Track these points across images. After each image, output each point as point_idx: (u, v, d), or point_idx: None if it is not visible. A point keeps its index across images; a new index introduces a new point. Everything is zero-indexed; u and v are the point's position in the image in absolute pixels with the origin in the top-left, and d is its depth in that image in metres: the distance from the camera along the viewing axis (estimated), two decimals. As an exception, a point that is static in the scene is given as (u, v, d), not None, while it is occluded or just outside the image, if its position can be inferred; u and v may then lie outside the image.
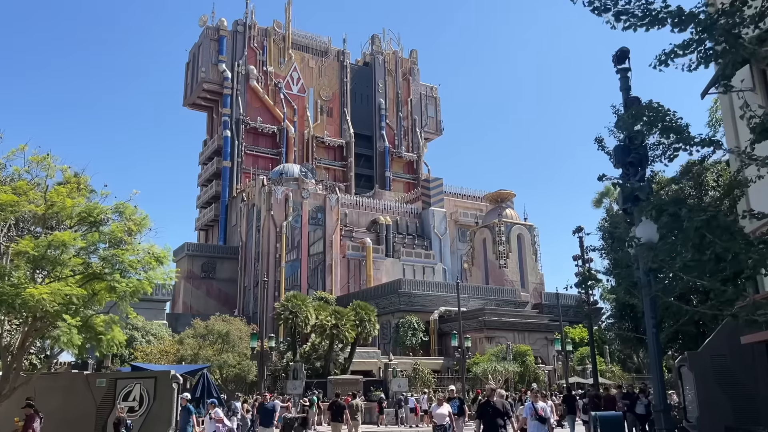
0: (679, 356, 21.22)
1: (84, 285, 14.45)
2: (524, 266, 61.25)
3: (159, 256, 15.66)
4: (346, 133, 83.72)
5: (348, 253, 63.90)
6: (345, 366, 37.95)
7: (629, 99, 11.05)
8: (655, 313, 10.45)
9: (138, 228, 15.20)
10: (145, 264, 15.41)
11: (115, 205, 14.21)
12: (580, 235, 24.54)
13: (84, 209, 13.73)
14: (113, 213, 14.25)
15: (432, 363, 43.40)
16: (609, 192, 68.11)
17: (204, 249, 69.08)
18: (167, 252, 15.87)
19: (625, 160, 10.91)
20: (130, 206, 14.33)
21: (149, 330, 44.61)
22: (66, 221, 13.82)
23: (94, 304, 16.06)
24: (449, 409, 14.40)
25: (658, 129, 7.70)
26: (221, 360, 31.99)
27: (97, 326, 15.59)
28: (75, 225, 13.95)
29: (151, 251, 15.66)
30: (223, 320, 35.12)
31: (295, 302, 35.91)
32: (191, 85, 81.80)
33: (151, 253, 15.59)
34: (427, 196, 71.71)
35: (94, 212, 13.82)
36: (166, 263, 15.89)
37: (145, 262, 15.37)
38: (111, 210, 14.13)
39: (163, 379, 17.62)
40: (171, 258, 16.06)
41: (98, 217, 13.84)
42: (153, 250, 15.77)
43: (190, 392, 21.42)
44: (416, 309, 49.37)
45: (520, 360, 41.42)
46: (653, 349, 10.35)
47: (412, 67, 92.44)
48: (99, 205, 14.09)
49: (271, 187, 61.41)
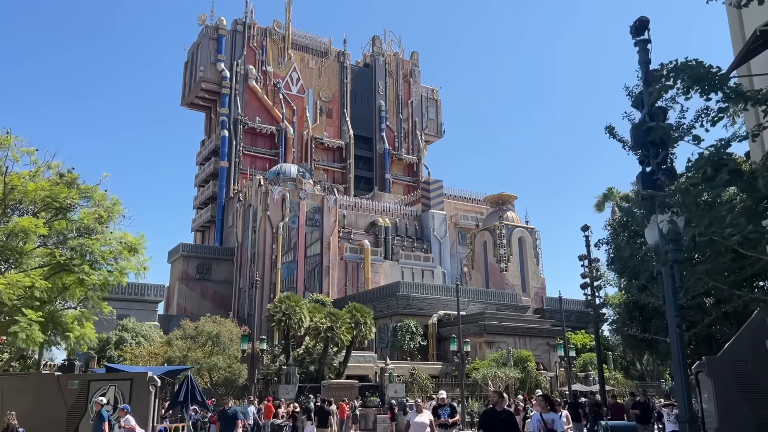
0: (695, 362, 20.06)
1: (51, 277, 13.26)
2: (525, 270, 60.03)
3: (132, 246, 14.50)
4: (345, 135, 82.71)
5: (346, 255, 62.71)
6: (340, 370, 36.72)
7: (650, 73, 9.94)
8: (678, 311, 9.32)
9: (109, 215, 14.04)
10: (117, 254, 14.25)
11: (83, 189, 13.07)
12: (587, 234, 23.39)
13: (49, 194, 12.59)
14: (81, 198, 13.12)
15: (430, 368, 42.13)
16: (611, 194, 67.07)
17: (199, 250, 67.89)
18: (141, 240, 14.70)
19: (645, 140, 9.79)
20: (99, 190, 13.19)
21: (140, 331, 43.43)
22: (29, 207, 12.70)
23: (65, 298, 14.83)
24: (431, 418, 11.59)
25: (701, 88, 6.44)
26: (211, 363, 30.76)
27: (65, 322, 14.35)
28: (40, 211, 12.82)
29: (124, 240, 14.50)
30: (214, 321, 33.91)
31: (289, 303, 34.70)
32: (189, 85, 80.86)
33: (123, 242, 14.42)
34: (426, 198, 70.57)
35: (60, 197, 12.68)
36: (140, 252, 14.73)
37: (117, 252, 14.21)
38: (78, 195, 12.99)
39: (140, 381, 16.41)
40: (145, 246, 14.91)
41: (64, 202, 12.70)
42: (126, 238, 14.62)
43: (173, 395, 20.23)
44: (414, 312, 48.17)
45: (521, 366, 40.15)
46: (676, 351, 9.18)
47: (413, 68, 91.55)
48: (66, 189, 12.94)
49: (267, 186, 60.26)
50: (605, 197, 69.52)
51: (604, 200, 69.10)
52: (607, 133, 13.03)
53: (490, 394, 8.85)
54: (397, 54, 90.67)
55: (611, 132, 13.02)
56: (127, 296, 48.40)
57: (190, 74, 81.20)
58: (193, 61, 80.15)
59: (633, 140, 9.95)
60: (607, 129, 13.07)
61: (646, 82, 9.85)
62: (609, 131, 13.03)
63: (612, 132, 13.03)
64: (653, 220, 10.16)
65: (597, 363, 24.69)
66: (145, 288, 50.76)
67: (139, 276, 14.12)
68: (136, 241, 14.82)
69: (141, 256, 14.65)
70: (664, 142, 9.58)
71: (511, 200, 65.27)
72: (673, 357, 9.29)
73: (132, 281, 52.43)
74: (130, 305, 47.83)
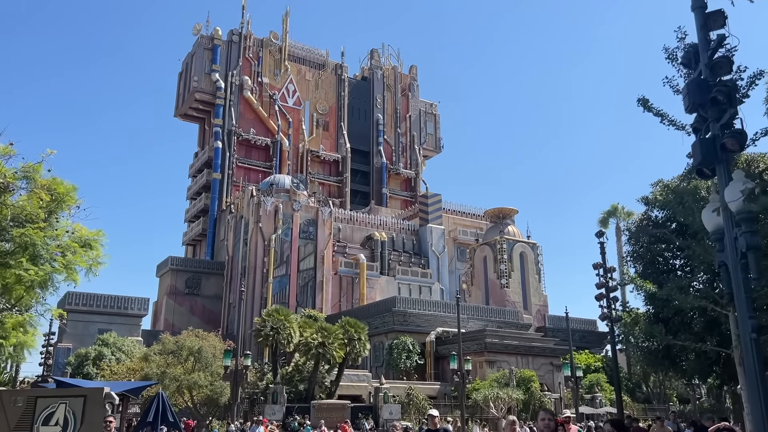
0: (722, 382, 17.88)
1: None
2: (527, 286, 57.83)
3: (86, 241, 12.36)
4: (342, 148, 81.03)
5: (340, 270, 60.47)
6: (331, 389, 34.40)
7: (710, 15, 8.06)
8: (751, 310, 7.32)
9: (58, 204, 11.93)
10: (66, 248, 12.09)
11: (21, 168, 10.97)
12: (602, 240, 21.37)
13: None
14: (19, 179, 11.03)
15: (427, 388, 39.79)
16: (616, 211, 65.13)
17: (189, 263, 65.56)
18: (98, 235, 12.56)
19: (704, 99, 7.87)
20: (41, 169, 11.11)
21: (120, 347, 41.14)
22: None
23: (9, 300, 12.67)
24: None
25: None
26: (191, 380, 28.44)
27: (7, 329, 12.15)
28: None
29: (78, 233, 12.35)
30: (196, 335, 31.63)
31: (278, 317, 32.49)
32: (183, 95, 79.24)
33: (76, 235, 12.28)
34: (425, 213, 68.56)
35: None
36: (96, 249, 12.58)
37: (66, 246, 12.06)
38: (14, 174, 10.88)
39: (94, 399, 14.16)
40: (102, 243, 12.76)
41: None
42: (80, 232, 12.46)
43: (141, 415, 17.97)
44: (411, 329, 45.88)
45: (524, 386, 37.87)
46: (752, 363, 7.15)
47: (411, 82, 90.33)
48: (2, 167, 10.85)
49: (260, 197, 58.19)
50: (609, 214, 67.53)
51: (608, 217, 67.14)
52: (641, 106, 11.11)
53: (544, 418, 5.84)
54: (396, 68, 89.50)
55: (645, 104, 11.10)
56: (109, 310, 46.13)
57: (184, 85, 79.63)
58: (188, 72, 78.63)
59: (689, 100, 8.00)
60: (641, 101, 11.16)
61: (705, 26, 7.96)
62: (643, 104, 11.11)
63: (646, 104, 11.12)
64: (712, 200, 8.21)
65: (614, 382, 22.48)
66: (128, 301, 48.44)
67: (90, 273, 11.95)
68: (93, 234, 12.59)
69: (96, 252, 12.41)
70: (731, 99, 7.67)
71: (512, 214, 63.24)
72: (748, 370, 7.24)
73: (115, 294, 50.44)
74: (111, 319, 45.54)
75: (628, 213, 57.21)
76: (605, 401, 41.82)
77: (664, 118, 10.44)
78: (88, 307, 45.93)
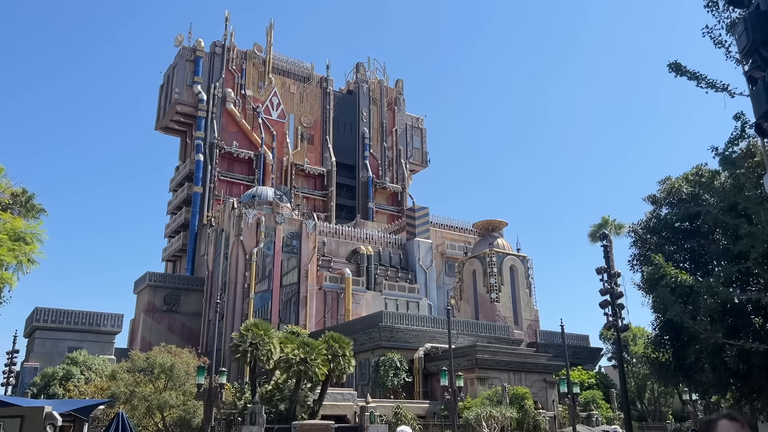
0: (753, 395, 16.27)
1: None
2: (518, 301, 56.18)
3: (19, 234, 10.55)
4: (327, 162, 79.46)
5: (325, 285, 58.47)
6: (314, 409, 32.33)
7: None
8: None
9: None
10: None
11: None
12: (605, 243, 19.81)
13: None
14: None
15: (416, 407, 37.82)
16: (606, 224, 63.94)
17: (168, 279, 63.15)
18: (35, 228, 10.74)
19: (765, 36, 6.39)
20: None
21: (90, 365, 38.78)
22: None
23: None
24: None
25: None
26: (162, 400, 26.31)
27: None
28: None
29: (9, 225, 10.53)
30: (168, 351, 29.50)
31: (257, 332, 30.46)
32: (164, 108, 77.44)
33: (8, 227, 10.46)
34: (412, 226, 66.93)
35: None
36: (31, 245, 10.75)
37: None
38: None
39: (33, 419, 12.27)
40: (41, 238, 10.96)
41: None
42: (14, 223, 10.64)
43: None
44: (399, 346, 43.95)
45: (518, 404, 36.05)
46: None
47: (397, 96, 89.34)
48: None
49: (241, 210, 56.25)
50: (600, 227, 66.26)
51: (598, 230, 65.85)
52: (672, 71, 9.59)
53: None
54: (382, 81, 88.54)
55: (677, 68, 9.61)
56: (80, 327, 43.73)
57: (165, 97, 77.87)
58: (169, 84, 76.96)
59: (746, 37, 6.51)
60: (672, 66, 9.64)
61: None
62: (675, 68, 9.61)
63: (678, 68, 9.63)
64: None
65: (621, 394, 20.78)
66: (100, 317, 46.03)
67: (20, 269, 10.11)
68: (29, 227, 10.73)
69: (31, 247, 10.55)
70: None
71: (501, 227, 61.79)
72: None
73: (86, 310, 48.03)
74: (83, 336, 43.13)
75: (618, 225, 56.11)
76: (601, 419, 40.11)
77: (700, 80, 8.99)
78: (57, 323, 43.55)
